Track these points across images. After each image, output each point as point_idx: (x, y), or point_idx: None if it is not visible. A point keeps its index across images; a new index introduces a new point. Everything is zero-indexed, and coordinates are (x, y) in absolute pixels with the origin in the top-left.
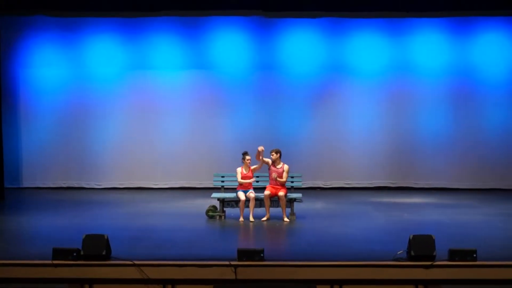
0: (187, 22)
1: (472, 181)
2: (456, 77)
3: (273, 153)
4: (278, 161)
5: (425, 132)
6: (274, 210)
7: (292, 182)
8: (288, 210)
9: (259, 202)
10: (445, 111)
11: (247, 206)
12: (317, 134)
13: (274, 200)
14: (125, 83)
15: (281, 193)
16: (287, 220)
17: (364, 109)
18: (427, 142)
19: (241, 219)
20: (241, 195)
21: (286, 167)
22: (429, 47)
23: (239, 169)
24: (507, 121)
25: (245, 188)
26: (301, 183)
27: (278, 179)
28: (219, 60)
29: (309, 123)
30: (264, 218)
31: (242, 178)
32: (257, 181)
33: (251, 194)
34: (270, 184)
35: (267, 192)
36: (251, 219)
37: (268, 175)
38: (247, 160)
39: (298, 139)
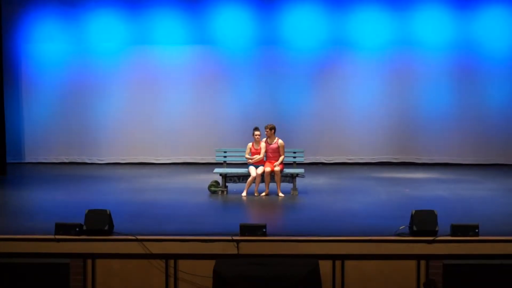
0: None
1: (475, 156)
2: (459, 52)
3: (267, 130)
4: (272, 137)
5: (428, 107)
6: (273, 186)
7: (294, 157)
8: (290, 185)
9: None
10: (448, 86)
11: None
12: (319, 109)
13: (272, 175)
14: (126, 58)
15: (277, 168)
16: (282, 195)
17: (367, 84)
18: (430, 117)
19: (244, 194)
20: (252, 171)
21: (281, 142)
22: (432, 22)
23: (249, 145)
24: (510, 96)
25: (256, 163)
26: (303, 158)
27: (275, 164)
28: (221, 35)
29: (311, 98)
30: (263, 194)
31: (252, 154)
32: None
33: (259, 170)
34: (268, 159)
35: (267, 168)
36: (256, 194)
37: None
38: (257, 135)
39: (300, 114)
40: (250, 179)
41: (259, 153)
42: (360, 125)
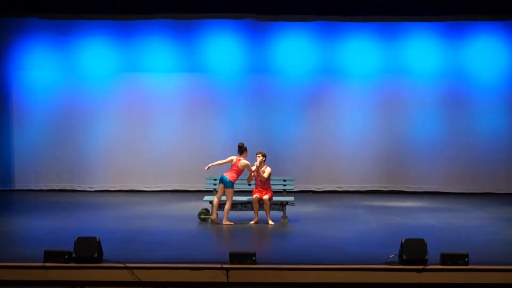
0: (179, 25)
1: (464, 185)
2: (448, 81)
3: (260, 155)
4: (262, 165)
5: (417, 136)
6: (263, 214)
7: (284, 185)
8: (280, 213)
9: (241, 205)
10: (437, 115)
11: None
12: (309, 137)
13: (261, 203)
14: (117, 86)
15: (266, 196)
16: (272, 223)
17: (357, 113)
18: (419, 145)
19: (225, 222)
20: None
21: (268, 169)
22: (421, 51)
23: (233, 158)
24: (499, 125)
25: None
26: (293, 186)
27: (259, 172)
28: (212, 63)
29: (301, 127)
30: (253, 222)
31: (233, 170)
32: (249, 184)
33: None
34: (256, 187)
35: (255, 195)
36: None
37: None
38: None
39: (291, 142)
40: (227, 206)
41: (237, 169)
42: (350, 153)
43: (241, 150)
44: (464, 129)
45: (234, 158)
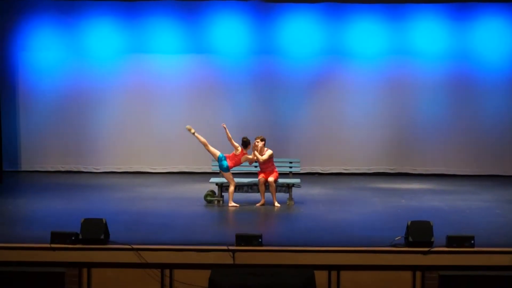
0: (185, 6)
1: (471, 167)
2: (455, 63)
3: (258, 140)
4: (262, 149)
5: (424, 118)
6: (269, 195)
7: (290, 167)
8: (287, 195)
9: (247, 187)
10: (444, 97)
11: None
12: (315, 119)
13: (267, 185)
14: (123, 67)
15: (271, 178)
16: (278, 205)
17: (363, 95)
18: (426, 128)
19: (231, 204)
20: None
21: (269, 151)
22: (429, 33)
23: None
24: (506, 107)
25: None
26: (299, 168)
27: (256, 154)
28: (218, 44)
29: (307, 108)
30: (259, 204)
31: (231, 160)
32: (256, 166)
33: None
34: (261, 169)
35: (261, 178)
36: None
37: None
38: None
39: (297, 124)
40: (231, 188)
41: (238, 160)
42: (356, 135)
43: (245, 144)
44: (470, 111)
45: (240, 148)
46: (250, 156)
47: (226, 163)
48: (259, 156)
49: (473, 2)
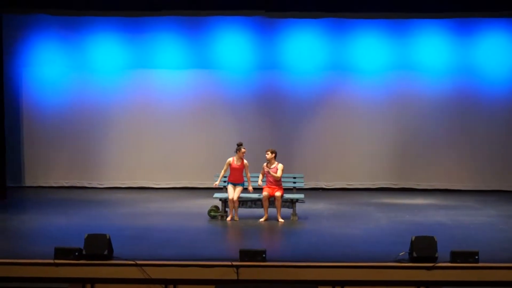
0: (189, 22)
1: (475, 183)
2: (459, 78)
3: (268, 152)
4: (272, 161)
5: (427, 133)
6: (272, 211)
7: (294, 182)
8: (290, 210)
9: (251, 202)
10: (448, 112)
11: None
12: (319, 134)
13: (271, 200)
14: (127, 82)
15: (278, 193)
16: (282, 220)
17: (367, 110)
18: (429, 143)
19: (229, 218)
20: (230, 192)
21: (280, 165)
22: (432, 48)
23: (229, 160)
24: (510, 122)
25: (234, 180)
26: (303, 183)
27: (271, 172)
28: (221, 60)
29: (311, 124)
30: (262, 219)
31: (232, 169)
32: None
33: (236, 194)
34: (267, 184)
35: (265, 193)
36: (235, 218)
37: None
38: (243, 152)
39: (301, 139)
40: (229, 202)
41: (240, 170)
42: (360, 150)
43: (238, 148)
44: (474, 126)
45: (230, 159)
46: (246, 164)
47: (238, 182)
48: (275, 175)
49: (476, 18)
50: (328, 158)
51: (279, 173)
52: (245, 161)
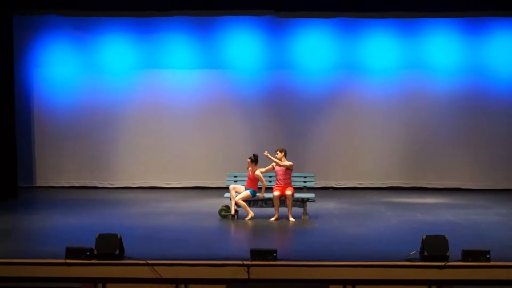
0: (199, 22)
1: (486, 181)
2: (469, 77)
3: (278, 152)
4: (283, 160)
5: (438, 132)
6: (283, 210)
7: (304, 182)
8: (301, 210)
9: (262, 202)
10: (458, 111)
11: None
12: (330, 133)
13: (282, 199)
14: (137, 83)
15: (288, 192)
16: (293, 220)
17: (377, 109)
18: (440, 141)
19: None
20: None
21: (289, 162)
22: (443, 47)
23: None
24: None
25: (247, 186)
26: (313, 183)
27: (275, 160)
28: (231, 59)
29: (322, 123)
30: (273, 218)
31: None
32: (270, 181)
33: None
34: (277, 184)
35: (276, 192)
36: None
37: (275, 174)
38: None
39: (311, 139)
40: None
41: (250, 178)
42: (370, 150)
43: (256, 160)
44: (485, 125)
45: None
46: (263, 169)
47: (254, 191)
48: (280, 162)
49: (487, 17)
50: (339, 158)
51: (285, 163)
52: (256, 172)
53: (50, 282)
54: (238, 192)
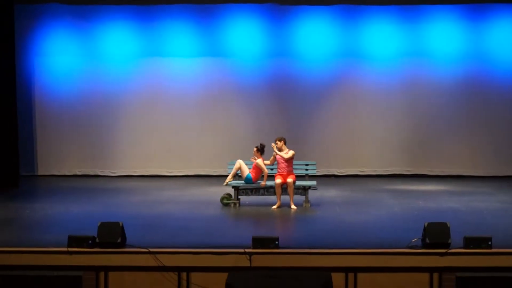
0: (200, 9)
1: (487, 169)
2: (471, 63)
3: (277, 141)
4: (283, 148)
5: (440, 119)
6: (285, 198)
7: (306, 169)
8: (303, 198)
9: (264, 190)
10: (460, 98)
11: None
12: (331, 121)
13: (284, 187)
14: (139, 71)
15: (290, 179)
16: (294, 207)
17: (379, 97)
18: (442, 129)
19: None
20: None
21: (291, 152)
22: (444, 34)
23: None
24: None
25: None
26: (315, 170)
27: (277, 151)
28: (233, 47)
29: (323, 111)
30: (275, 206)
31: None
32: (272, 169)
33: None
34: (279, 171)
35: (278, 180)
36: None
37: (276, 163)
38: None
39: (313, 126)
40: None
41: (255, 167)
42: (372, 137)
43: (262, 150)
44: (486, 112)
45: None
46: (267, 161)
47: (250, 176)
48: (282, 154)
49: (488, 3)
50: (340, 145)
51: (289, 154)
52: (258, 160)
53: (52, 270)
54: (242, 171)
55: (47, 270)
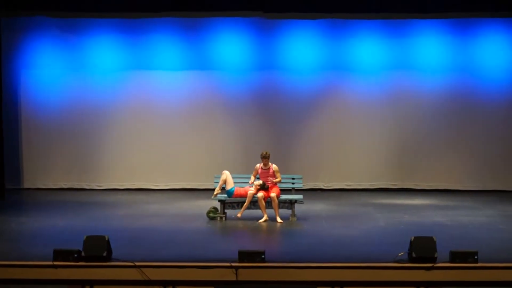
0: (187, 23)
1: (474, 183)
2: (457, 78)
3: (265, 161)
4: (266, 162)
5: (426, 133)
6: (271, 212)
7: (293, 183)
8: (289, 211)
9: (251, 204)
10: (447, 112)
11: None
12: (318, 135)
13: (268, 201)
14: (126, 84)
15: (273, 194)
16: (281, 221)
17: (365, 111)
18: (428, 143)
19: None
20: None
21: (275, 167)
22: (431, 48)
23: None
24: (509, 121)
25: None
26: (302, 184)
27: (271, 179)
28: (220, 61)
29: (310, 124)
30: (262, 220)
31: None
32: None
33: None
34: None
35: (260, 194)
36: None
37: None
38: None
39: (299, 140)
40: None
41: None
42: (358, 151)
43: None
44: (473, 126)
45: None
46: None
47: (233, 191)
48: (276, 180)
49: (474, 18)
50: (327, 159)
51: (278, 177)
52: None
53: (37, 285)
54: (227, 183)
55: (32, 284)
